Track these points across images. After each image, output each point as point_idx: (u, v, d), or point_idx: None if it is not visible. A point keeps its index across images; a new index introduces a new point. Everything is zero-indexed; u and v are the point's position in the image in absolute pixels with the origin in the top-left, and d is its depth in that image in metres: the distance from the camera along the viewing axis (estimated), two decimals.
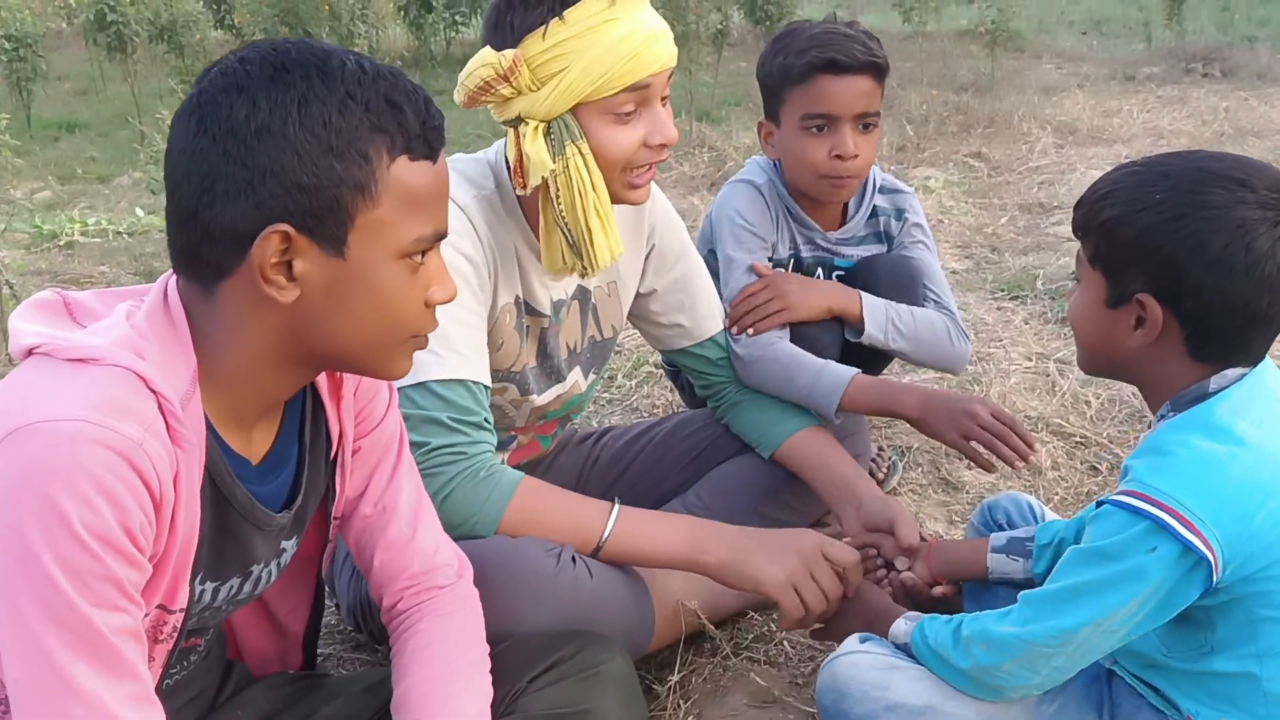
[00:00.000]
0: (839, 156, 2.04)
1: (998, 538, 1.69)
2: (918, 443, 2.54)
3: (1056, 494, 2.31)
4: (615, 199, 1.70)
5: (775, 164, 2.20)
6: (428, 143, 1.13)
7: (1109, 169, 1.42)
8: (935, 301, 2.16)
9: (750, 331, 2.05)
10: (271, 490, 1.25)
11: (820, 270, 2.23)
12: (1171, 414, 1.36)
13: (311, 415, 1.31)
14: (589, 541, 1.61)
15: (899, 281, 2.16)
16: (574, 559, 1.56)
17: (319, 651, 1.87)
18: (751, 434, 2.02)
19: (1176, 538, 1.23)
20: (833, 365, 1.99)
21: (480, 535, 1.58)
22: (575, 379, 1.94)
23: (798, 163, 2.10)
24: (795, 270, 2.22)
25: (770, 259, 2.17)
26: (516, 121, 1.63)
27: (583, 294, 1.89)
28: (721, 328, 2.05)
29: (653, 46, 1.61)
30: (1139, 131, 6.37)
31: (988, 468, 1.94)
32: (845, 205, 2.23)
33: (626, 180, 1.68)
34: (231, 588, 1.24)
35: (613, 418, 2.83)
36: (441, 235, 1.18)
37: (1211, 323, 1.30)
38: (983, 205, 4.87)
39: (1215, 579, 1.25)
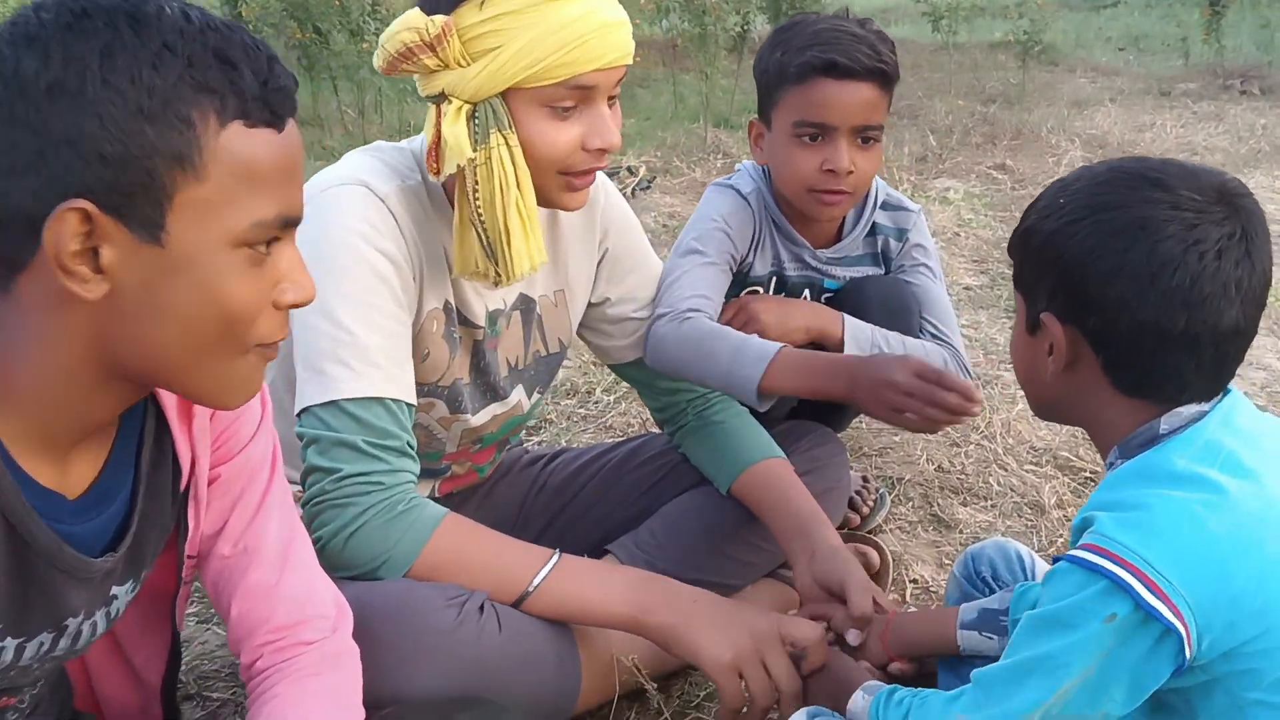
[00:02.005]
0: (831, 171, 1.80)
1: (968, 610, 1.47)
2: (909, 474, 2.32)
3: (1060, 536, 2.08)
4: (547, 202, 1.50)
5: (765, 170, 1.97)
6: (269, 106, 0.93)
7: None
8: (934, 335, 1.91)
9: None
10: (93, 529, 1.04)
11: (807, 291, 1.99)
12: (1120, 461, 1.16)
13: (155, 438, 1.10)
14: (513, 591, 1.41)
15: (891, 308, 1.90)
16: (481, 608, 1.35)
17: (215, 696, 1.68)
18: (708, 467, 1.79)
19: (1139, 602, 1.02)
20: (758, 340, 1.69)
21: (388, 578, 1.38)
22: (518, 398, 1.74)
23: (785, 172, 1.87)
24: (778, 290, 1.99)
25: (745, 274, 1.95)
26: (440, 98, 1.43)
27: (526, 303, 1.69)
28: None
29: (605, 37, 1.40)
30: (1172, 146, 6.10)
31: (930, 430, 1.61)
32: (841, 221, 1.99)
33: (563, 182, 1.48)
34: (42, 644, 1.04)
35: (584, 436, 2.62)
36: (291, 220, 0.98)
37: (1122, 345, 1.11)
38: (1003, 219, 4.64)
39: (1189, 654, 1.04)
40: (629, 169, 5.51)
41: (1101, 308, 1.10)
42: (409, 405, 1.43)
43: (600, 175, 1.73)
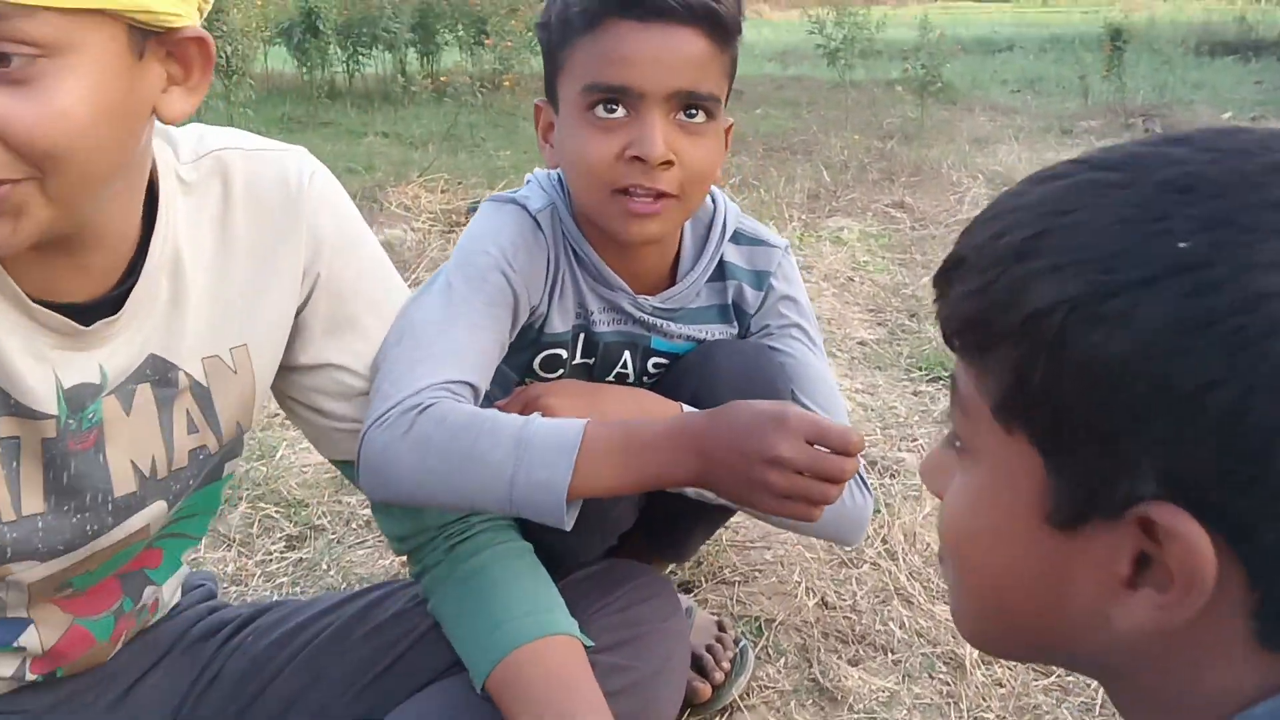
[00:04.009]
0: (637, 158, 1.17)
1: None
2: (781, 612, 1.70)
3: (989, 710, 1.49)
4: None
5: (561, 180, 1.33)
6: None
7: None
8: None
9: None
10: None
11: (627, 356, 1.37)
12: None
13: None
14: None
15: (752, 386, 1.25)
16: None
17: None
18: (461, 643, 1.15)
19: None
20: (541, 420, 1.09)
21: None
22: (148, 520, 1.08)
23: (576, 167, 1.22)
24: (586, 355, 1.37)
25: (539, 333, 1.33)
26: None
27: (161, 369, 1.03)
28: None
29: None
30: None
31: (809, 518, 1.05)
32: (675, 254, 1.37)
33: None
34: None
35: (359, 552, 1.96)
36: None
37: None
38: (903, 262, 4.11)
39: None
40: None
41: None
42: None
43: (313, 164, 1.11)
